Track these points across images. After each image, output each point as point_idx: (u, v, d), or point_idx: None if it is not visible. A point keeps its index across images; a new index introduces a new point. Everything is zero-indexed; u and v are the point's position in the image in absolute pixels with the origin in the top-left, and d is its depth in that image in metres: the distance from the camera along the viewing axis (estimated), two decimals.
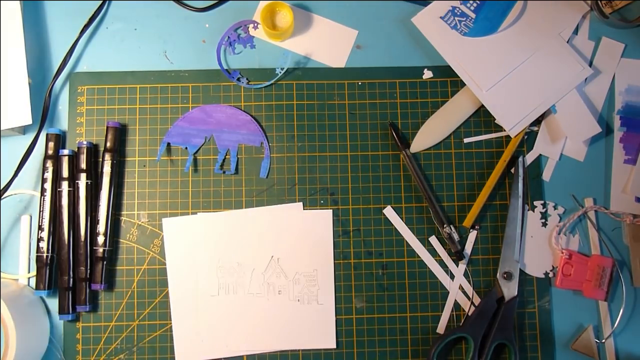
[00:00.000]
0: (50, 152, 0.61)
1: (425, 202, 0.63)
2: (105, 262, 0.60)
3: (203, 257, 0.61)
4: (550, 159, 0.64)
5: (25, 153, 0.60)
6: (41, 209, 0.60)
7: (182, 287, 0.61)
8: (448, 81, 0.65)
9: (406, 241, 0.62)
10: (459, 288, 0.62)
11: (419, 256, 0.62)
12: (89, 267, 0.60)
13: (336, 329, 0.61)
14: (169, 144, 0.63)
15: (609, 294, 0.61)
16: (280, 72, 0.64)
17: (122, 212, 0.62)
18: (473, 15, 0.64)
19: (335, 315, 0.61)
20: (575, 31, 0.65)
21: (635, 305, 0.62)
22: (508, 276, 0.61)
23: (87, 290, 0.60)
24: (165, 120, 0.64)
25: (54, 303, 0.61)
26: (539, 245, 0.63)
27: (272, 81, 0.64)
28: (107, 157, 0.61)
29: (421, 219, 0.63)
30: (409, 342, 0.61)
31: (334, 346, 0.60)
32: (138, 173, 0.63)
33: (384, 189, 0.63)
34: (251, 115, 0.64)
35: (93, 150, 0.62)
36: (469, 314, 0.61)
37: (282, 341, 0.60)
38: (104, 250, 0.60)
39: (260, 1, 0.66)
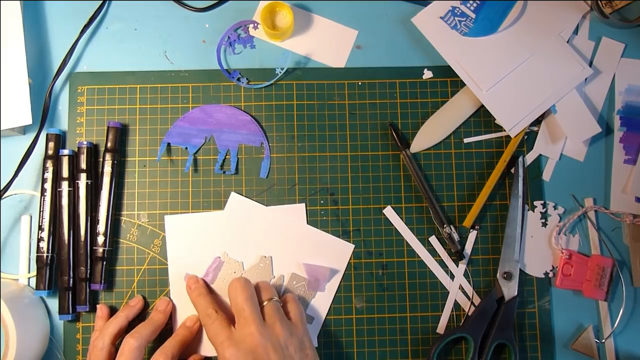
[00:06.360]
0: (50, 152, 0.61)
1: (425, 202, 0.63)
2: (105, 262, 0.60)
3: (204, 255, 0.61)
4: (550, 159, 0.64)
5: (25, 153, 0.60)
6: (41, 209, 0.60)
7: (183, 285, 0.60)
8: (448, 81, 0.65)
9: (406, 241, 0.63)
10: (459, 288, 0.62)
11: (419, 256, 0.62)
12: (89, 267, 0.60)
13: (336, 328, 0.61)
14: (169, 144, 0.63)
15: (609, 294, 0.61)
16: (280, 72, 0.64)
17: (122, 212, 0.62)
18: (473, 15, 0.64)
19: (335, 315, 0.61)
20: (575, 31, 0.65)
21: (635, 305, 0.62)
22: (508, 276, 0.61)
23: (87, 290, 0.60)
24: (165, 120, 0.64)
25: (54, 303, 0.61)
26: (539, 245, 0.63)
27: (272, 81, 0.64)
28: (108, 157, 0.61)
29: (421, 219, 0.63)
30: (409, 342, 0.61)
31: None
32: (138, 173, 0.63)
33: (384, 189, 0.63)
34: (251, 115, 0.64)
35: (93, 150, 0.62)
36: (469, 314, 0.61)
37: None
38: (104, 250, 0.60)
39: (260, 1, 0.66)
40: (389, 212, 0.63)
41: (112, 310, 0.61)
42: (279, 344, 0.53)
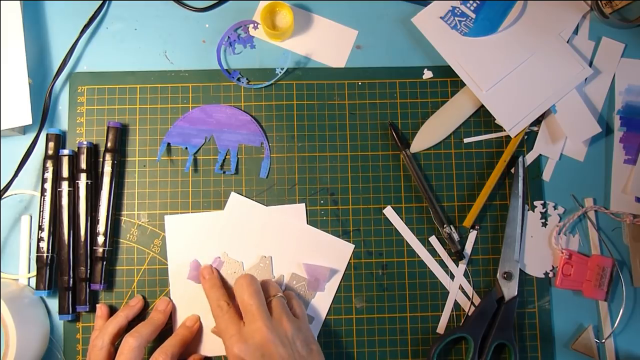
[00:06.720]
0: (50, 152, 0.61)
1: (425, 202, 0.63)
2: (105, 262, 0.60)
3: (204, 255, 0.61)
4: (550, 159, 0.64)
5: (25, 153, 0.60)
6: (41, 209, 0.60)
7: (183, 285, 0.61)
8: (448, 81, 0.65)
9: (406, 241, 0.63)
10: (459, 288, 0.62)
11: (419, 256, 0.62)
12: (89, 267, 0.60)
13: (336, 328, 0.61)
14: (169, 144, 0.63)
15: (609, 294, 0.61)
16: (280, 72, 0.64)
17: (122, 212, 0.62)
18: (473, 15, 0.64)
19: (335, 315, 0.61)
20: (575, 31, 0.65)
21: (635, 305, 0.62)
22: (508, 276, 0.61)
23: (87, 290, 0.60)
24: (165, 120, 0.64)
25: (54, 303, 0.61)
26: (539, 245, 0.63)
27: (272, 81, 0.64)
28: (108, 157, 0.61)
29: (421, 219, 0.63)
30: (409, 342, 0.61)
31: None
32: (138, 173, 0.63)
33: (384, 189, 0.63)
34: (251, 115, 0.64)
35: (93, 150, 0.62)
36: (469, 314, 0.61)
37: None
38: (103, 250, 0.60)
39: (260, 1, 0.66)
40: (389, 212, 0.63)
41: (112, 310, 0.61)
42: (287, 339, 0.53)
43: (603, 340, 0.61)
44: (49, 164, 0.61)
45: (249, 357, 0.51)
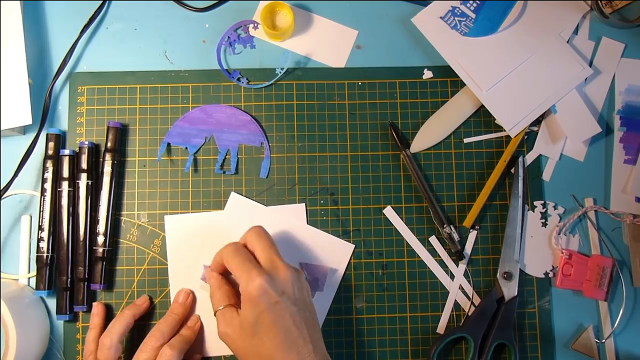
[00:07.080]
0: (50, 152, 0.61)
1: (425, 202, 0.63)
2: (104, 262, 0.60)
3: (204, 255, 0.61)
4: (550, 159, 0.64)
5: (25, 153, 0.60)
6: (41, 209, 0.60)
7: (182, 285, 0.60)
8: (448, 81, 0.65)
9: (406, 241, 0.63)
10: (459, 288, 0.62)
11: (419, 256, 0.62)
12: (87, 267, 0.60)
13: (336, 329, 0.61)
14: (169, 144, 0.63)
15: (609, 294, 0.61)
16: (280, 72, 0.64)
17: (122, 212, 0.62)
18: (473, 15, 0.64)
19: (335, 315, 0.61)
20: (575, 31, 0.65)
21: (635, 305, 0.62)
22: (508, 276, 0.61)
23: (85, 291, 0.60)
24: (165, 120, 0.64)
25: (54, 303, 0.61)
26: (539, 245, 0.63)
27: (272, 81, 0.64)
28: (108, 157, 0.61)
29: (421, 219, 0.63)
30: (409, 342, 0.61)
31: None
32: (138, 173, 0.63)
33: (384, 189, 0.63)
34: (251, 115, 0.64)
35: (94, 150, 0.62)
36: (469, 314, 0.61)
37: None
38: (103, 250, 0.60)
39: (260, 1, 0.66)
40: (389, 212, 0.63)
41: (109, 309, 0.61)
42: (299, 282, 0.54)
43: (603, 340, 0.61)
44: (49, 164, 0.61)
45: (272, 289, 0.51)
